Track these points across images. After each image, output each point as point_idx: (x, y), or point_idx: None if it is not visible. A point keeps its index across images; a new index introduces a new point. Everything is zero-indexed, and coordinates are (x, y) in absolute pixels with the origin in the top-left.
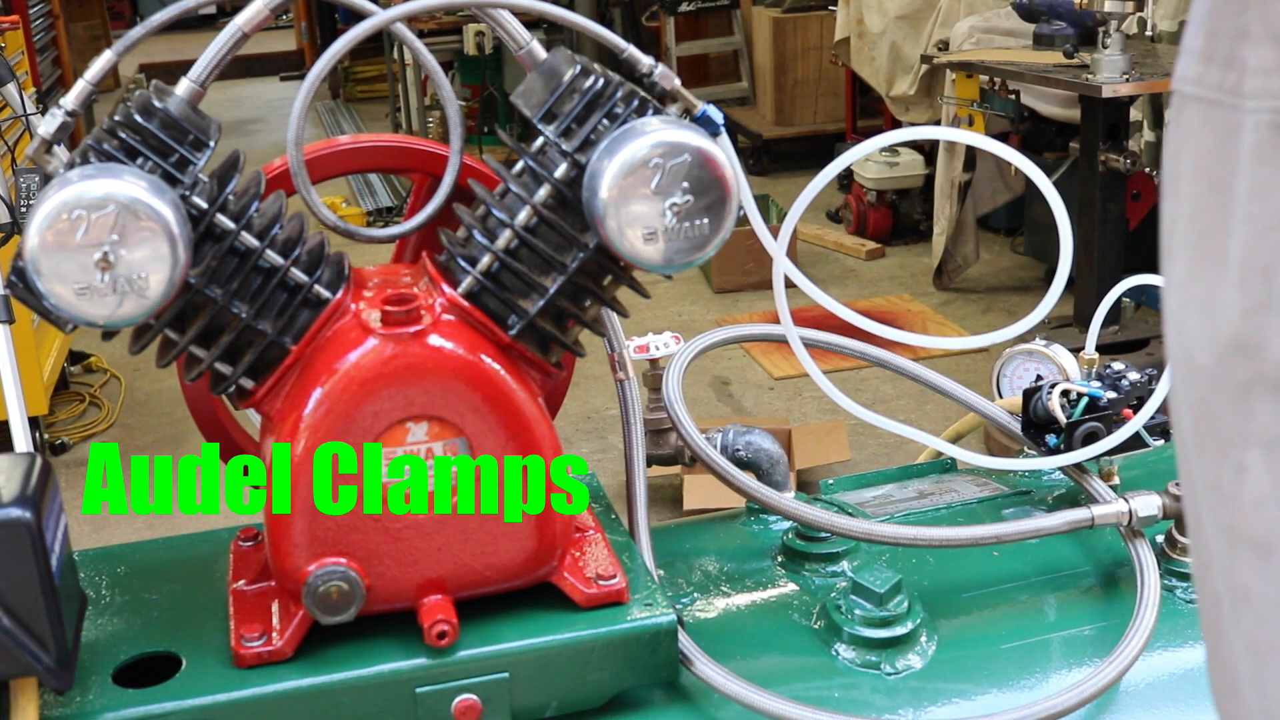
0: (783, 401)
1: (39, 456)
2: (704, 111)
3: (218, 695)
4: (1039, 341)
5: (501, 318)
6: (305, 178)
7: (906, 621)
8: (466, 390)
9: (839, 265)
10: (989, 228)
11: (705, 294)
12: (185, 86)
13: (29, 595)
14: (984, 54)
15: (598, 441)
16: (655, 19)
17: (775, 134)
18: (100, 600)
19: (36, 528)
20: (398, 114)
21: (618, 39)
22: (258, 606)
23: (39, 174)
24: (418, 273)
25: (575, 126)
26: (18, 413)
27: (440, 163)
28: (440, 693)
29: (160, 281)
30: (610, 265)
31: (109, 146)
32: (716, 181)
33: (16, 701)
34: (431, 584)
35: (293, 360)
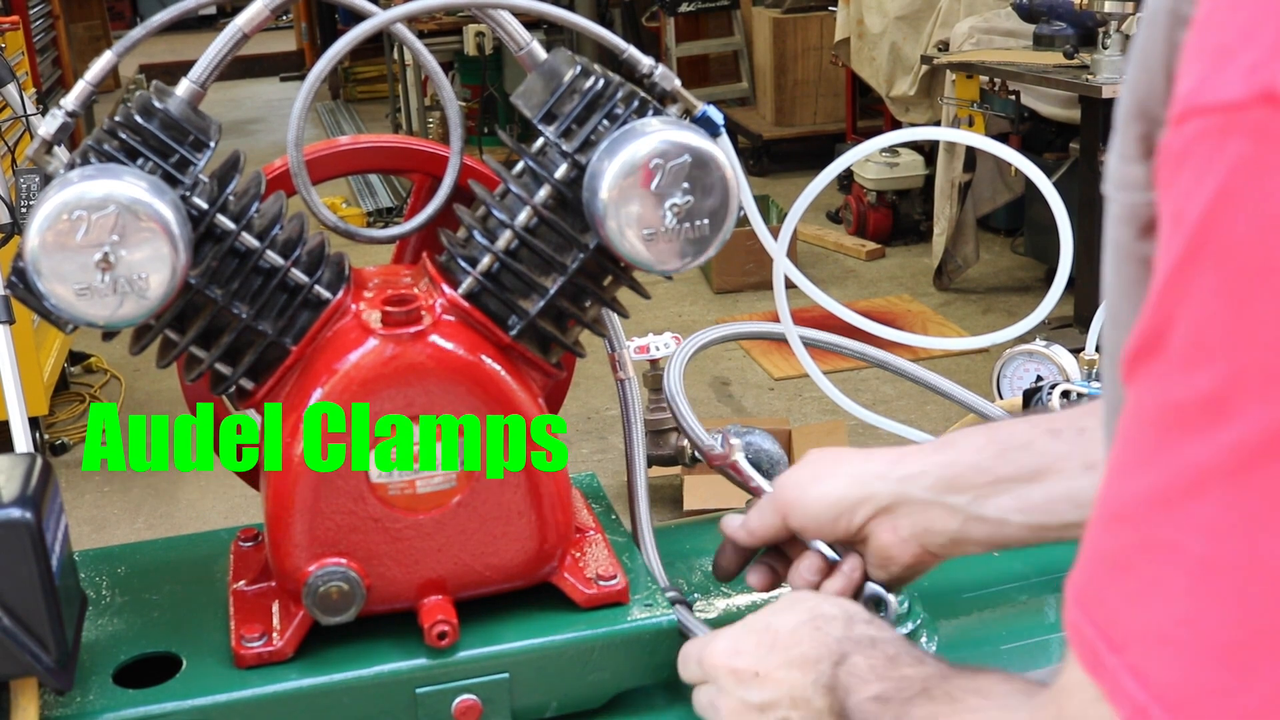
0: (783, 402)
1: (39, 456)
2: (704, 112)
3: (218, 695)
4: (1039, 342)
5: (502, 318)
6: (305, 178)
7: (907, 622)
8: (467, 391)
9: (839, 266)
10: (989, 228)
11: (705, 294)
12: (185, 87)
13: (29, 595)
14: (984, 54)
15: (598, 441)
16: (655, 19)
17: (775, 134)
18: (100, 600)
19: (36, 528)
20: (398, 114)
21: (618, 40)
22: (258, 607)
23: (39, 174)
24: (418, 273)
25: (575, 127)
26: (18, 413)
27: (440, 163)
28: (440, 693)
29: (160, 282)
30: (610, 266)
31: (109, 147)
32: (716, 182)
33: (17, 701)
34: (432, 584)
35: (293, 361)
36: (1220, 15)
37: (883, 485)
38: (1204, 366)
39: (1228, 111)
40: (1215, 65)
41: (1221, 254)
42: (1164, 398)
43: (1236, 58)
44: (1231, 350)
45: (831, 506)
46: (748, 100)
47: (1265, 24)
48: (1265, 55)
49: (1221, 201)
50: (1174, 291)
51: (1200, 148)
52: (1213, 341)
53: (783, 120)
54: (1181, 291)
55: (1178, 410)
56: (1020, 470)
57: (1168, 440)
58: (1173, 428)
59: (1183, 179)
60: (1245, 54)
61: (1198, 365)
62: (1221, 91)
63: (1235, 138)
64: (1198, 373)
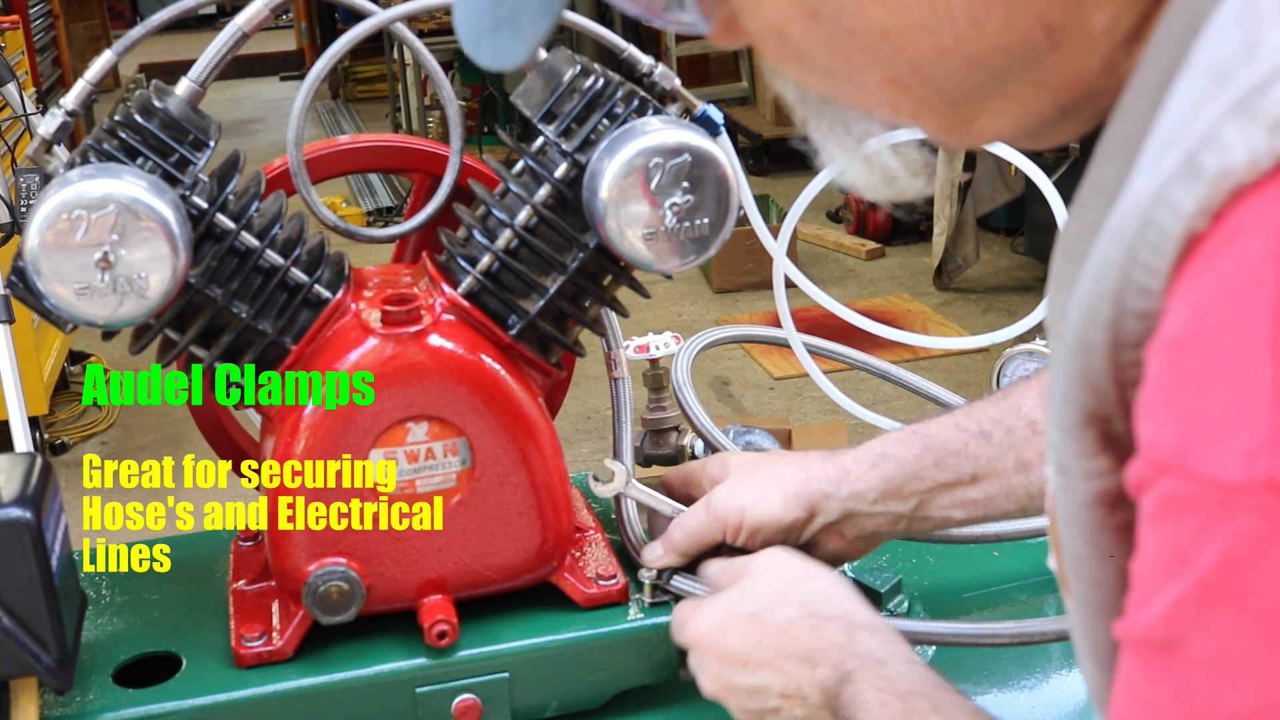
0: (783, 401)
1: (39, 456)
2: (704, 111)
3: (218, 695)
4: (1039, 341)
5: (502, 318)
6: (305, 178)
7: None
8: (467, 390)
9: (839, 265)
10: (989, 228)
11: (705, 294)
12: (185, 86)
13: (29, 595)
14: None
15: (598, 441)
16: None
17: (775, 134)
18: (100, 600)
19: (36, 528)
20: (398, 114)
21: (618, 39)
22: (258, 606)
23: (39, 174)
24: (418, 273)
25: (575, 126)
26: (18, 413)
27: (440, 163)
28: (440, 693)
29: (160, 281)
30: (610, 265)
31: (109, 146)
32: (716, 181)
33: (17, 701)
34: (432, 584)
35: (293, 360)
36: (1191, 376)
37: (831, 505)
38: (1233, 687)
39: (1225, 490)
40: (1197, 433)
41: (1244, 603)
42: (1188, 699)
43: (1224, 437)
44: (1260, 681)
45: (779, 528)
46: (748, 100)
47: (1255, 407)
48: (1262, 444)
49: (1238, 561)
50: (1190, 616)
51: (1198, 508)
52: (1241, 672)
53: (783, 120)
54: (1199, 620)
55: (1205, 712)
56: (958, 476)
57: None
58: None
59: (1178, 522)
60: (1237, 436)
61: (1225, 684)
62: (1215, 468)
63: (1241, 513)
64: (1226, 690)
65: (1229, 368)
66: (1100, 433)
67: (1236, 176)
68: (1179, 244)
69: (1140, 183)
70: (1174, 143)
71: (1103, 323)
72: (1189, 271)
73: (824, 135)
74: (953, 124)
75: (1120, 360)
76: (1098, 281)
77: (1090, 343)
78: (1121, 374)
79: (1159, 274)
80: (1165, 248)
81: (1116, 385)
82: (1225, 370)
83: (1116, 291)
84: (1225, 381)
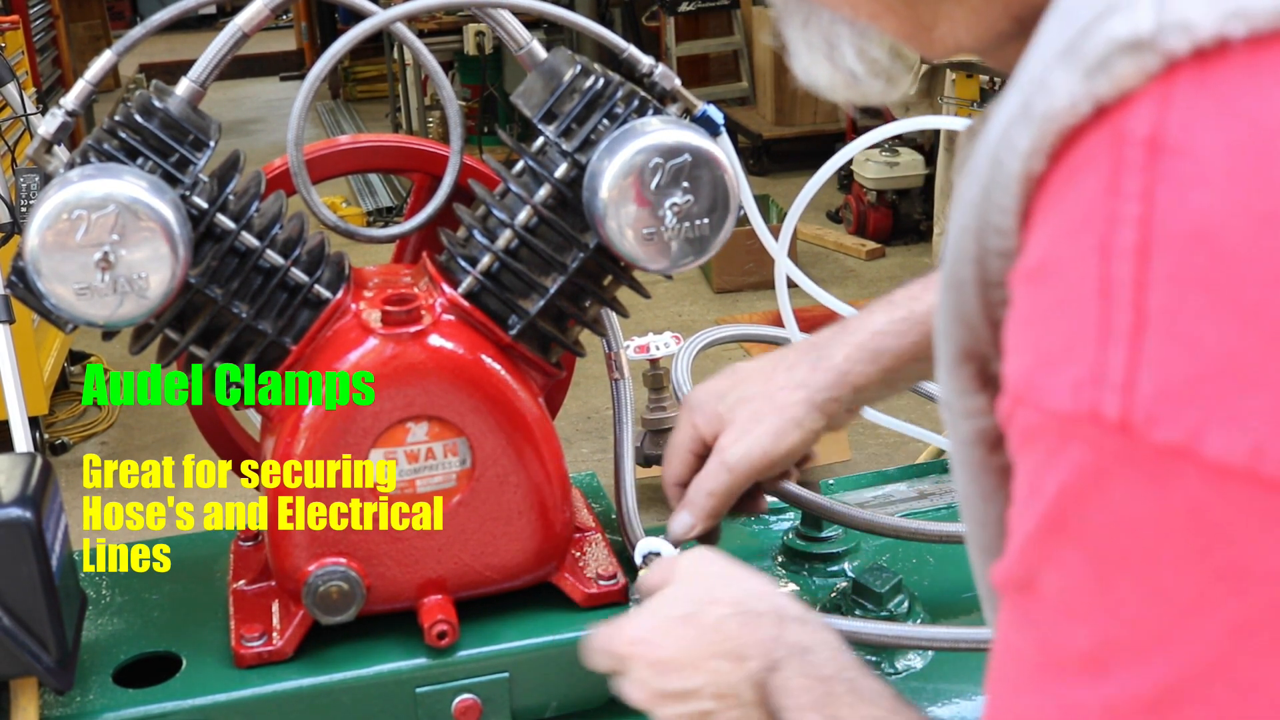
0: None
1: (39, 456)
2: (704, 111)
3: (218, 695)
4: None
5: (502, 318)
6: (305, 178)
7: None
8: (467, 390)
9: (839, 265)
10: None
11: (705, 294)
12: (185, 86)
13: (29, 595)
14: None
15: (598, 441)
16: (655, 19)
17: (775, 134)
18: (100, 600)
19: (36, 528)
20: (398, 114)
21: (618, 39)
22: (258, 606)
23: (39, 174)
24: (418, 273)
25: (575, 126)
26: (18, 413)
27: (440, 163)
28: (440, 693)
29: (160, 281)
30: (610, 265)
31: (109, 146)
32: (716, 181)
33: (17, 701)
34: (432, 584)
35: (293, 360)
36: (1039, 310)
37: (841, 406)
38: (1077, 625)
39: (1061, 420)
40: (1042, 364)
41: (1080, 537)
42: (1043, 642)
43: (1060, 368)
44: (1099, 619)
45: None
46: (748, 100)
47: (1084, 339)
48: (1087, 376)
49: (1073, 494)
50: (1038, 551)
51: (1043, 439)
52: (1082, 609)
53: (783, 120)
54: (1046, 556)
55: (1057, 654)
56: (899, 360)
57: (1049, 677)
58: (1052, 668)
59: (1031, 454)
60: (1068, 367)
61: (1071, 622)
62: (1052, 398)
63: (1074, 444)
64: (1072, 629)
65: (1065, 303)
66: (977, 370)
67: (1060, 119)
68: (1021, 183)
69: (993, 122)
70: (1021, 83)
71: (968, 258)
72: (1039, 209)
73: (794, 33)
74: (912, 28)
75: (990, 299)
76: (963, 217)
77: (960, 278)
78: (993, 313)
79: (1009, 212)
80: (1011, 186)
81: (989, 324)
82: (1062, 305)
83: (978, 229)
84: (1063, 315)
